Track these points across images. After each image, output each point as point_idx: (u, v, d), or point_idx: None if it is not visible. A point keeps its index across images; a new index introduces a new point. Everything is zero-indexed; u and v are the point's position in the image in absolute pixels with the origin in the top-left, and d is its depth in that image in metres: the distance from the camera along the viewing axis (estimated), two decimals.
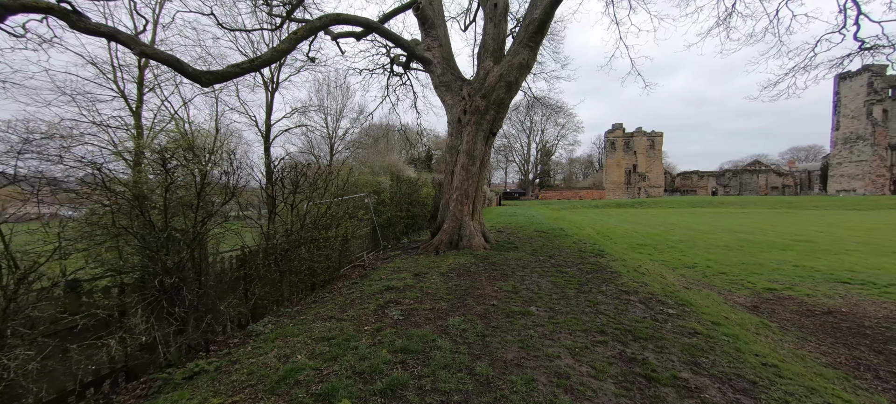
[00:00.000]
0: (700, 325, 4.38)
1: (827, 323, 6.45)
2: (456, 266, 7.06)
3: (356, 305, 4.85)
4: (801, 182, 65.85)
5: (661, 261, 11.86)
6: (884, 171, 50.12)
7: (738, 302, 7.59)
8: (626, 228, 22.16)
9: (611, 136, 69.87)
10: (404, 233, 13.03)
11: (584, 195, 66.64)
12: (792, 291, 8.28)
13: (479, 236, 8.95)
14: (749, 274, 9.98)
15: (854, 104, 53.53)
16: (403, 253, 9.29)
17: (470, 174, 8.84)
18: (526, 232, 13.70)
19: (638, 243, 16.02)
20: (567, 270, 7.06)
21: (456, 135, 9.07)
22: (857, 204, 39.88)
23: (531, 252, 8.96)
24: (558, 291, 5.49)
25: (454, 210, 8.95)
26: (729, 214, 32.88)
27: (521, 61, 8.26)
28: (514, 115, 74.91)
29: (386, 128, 32.13)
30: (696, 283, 8.92)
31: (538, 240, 11.27)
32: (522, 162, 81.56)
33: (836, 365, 4.66)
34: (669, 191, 71.57)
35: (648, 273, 7.86)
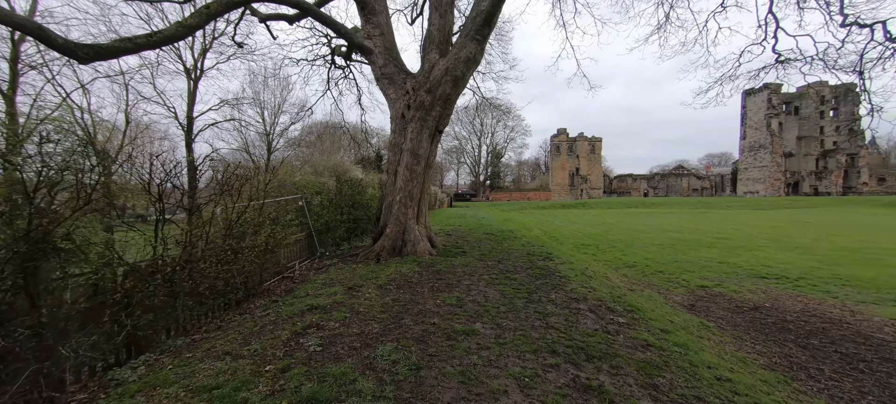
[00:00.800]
0: (650, 335, 4.12)
1: (755, 319, 6.74)
2: (397, 276, 6.35)
3: (266, 333, 3.95)
4: (716, 184, 74.17)
5: (604, 262, 12.12)
6: (780, 175, 58.02)
7: (676, 301, 7.77)
8: (571, 229, 22.92)
9: (556, 140, 73.27)
10: (346, 239, 12.01)
11: (531, 196, 69.09)
12: (721, 288, 8.71)
13: (425, 241, 8.33)
14: (682, 271, 10.47)
15: (757, 117, 61.34)
16: (341, 261, 8.37)
17: (415, 174, 8.19)
18: (475, 234, 13.35)
19: (582, 243, 16.47)
20: (516, 276, 6.67)
21: (399, 132, 8.36)
22: (760, 204, 45.58)
23: (479, 256, 8.52)
24: (506, 302, 5.02)
25: (397, 213, 8.23)
26: (659, 214, 35.73)
27: (468, 55, 7.79)
28: (465, 117, 75.68)
29: (330, 125, 30.37)
30: (639, 283, 9.08)
31: (487, 244, 10.91)
32: (473, 163, 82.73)
33: (773, 365, 4.70)
34: (608, 193, 76.77)
35: (595, 275, 7.77)
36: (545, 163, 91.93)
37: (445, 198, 47.72)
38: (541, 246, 11.11)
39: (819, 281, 9.17)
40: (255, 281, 6.49)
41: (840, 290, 8.40)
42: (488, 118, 77.52)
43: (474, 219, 20.83)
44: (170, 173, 4.55)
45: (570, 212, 40.34)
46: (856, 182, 55.65)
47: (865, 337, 5.81)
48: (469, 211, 31.85)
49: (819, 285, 8.82)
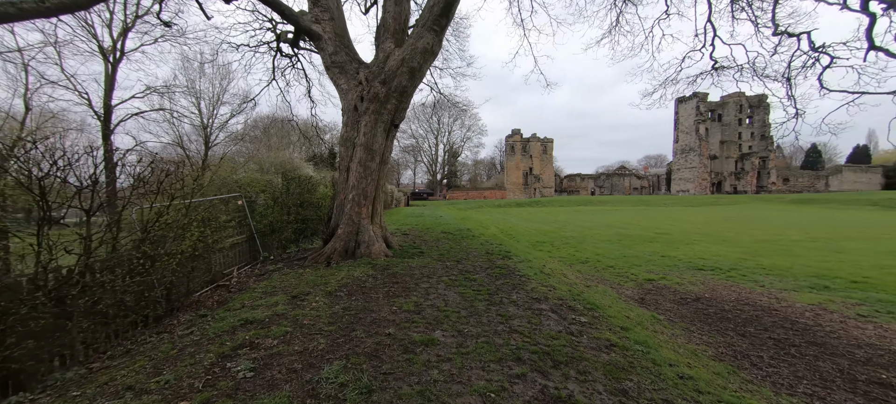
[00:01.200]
0: (612, 334, 4.05)
1: (699, 310, 7.12)
2: (349, 280, 5.83)
3: (185, 357, 3.30)
4: (653, 184, 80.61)
5: (559, 258, 12.39)
6: (706, 176, 64.36)
7: (628, 295, 8.03)
8: (526, 226, 23.45)
9: (510, 141, 75.23)
10: (294, 241, 11.10)
11: (487, 195, 70.33)
12: (666, 281, 9.18)
13: (380, 242, 7.84)
14: (631, 266, 10.96)
15: (687, 122, 67.46)
16: (287, 265, 7.62)
17: (369, 171, 7.67)
18: (433, 234, 13.03)
19: (538, 241, 16.82)
20: (476, 276, 6.44)
21: (352, 125, 7.79)
22: (690, 201, 50.11)
23: (438, 257, 8.20)
24: (467, 305, 4.74)
25: (350, 212, 7.66)
26: (605, 211, 37.93)
27: (426, 46, 7.42)
28: (422, 115, 75.19)
29: (278, 120, 28.42)
30: (593, 279, 9.32)
31: (445, 243, 10.63)
32: (431, 162, 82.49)
33: (720, 356, 4.90)
34: (559, 192, 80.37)
35: (553, 273, 7.78)
36: (500, 163, 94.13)
37: (403, 196, 46.96)
38: (499, 244, 11.06)
39: (747, 271, 10.02)
40: (181, 292, 5.62)
41: (765, 279, 9.22)
42: (446, 117, 77.71)
43: (432, 218, 20.52)
44: (58, 164, 3.68)
45: (525, 211, 41.53)
46: (766, 182, 63.43)
47: (792, 323, 6.33)
48: (426, 210, 31.50)
49: (747, 275, 9.62)
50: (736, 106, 65.64)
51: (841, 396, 4.04)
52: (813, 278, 9.12)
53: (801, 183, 66.30)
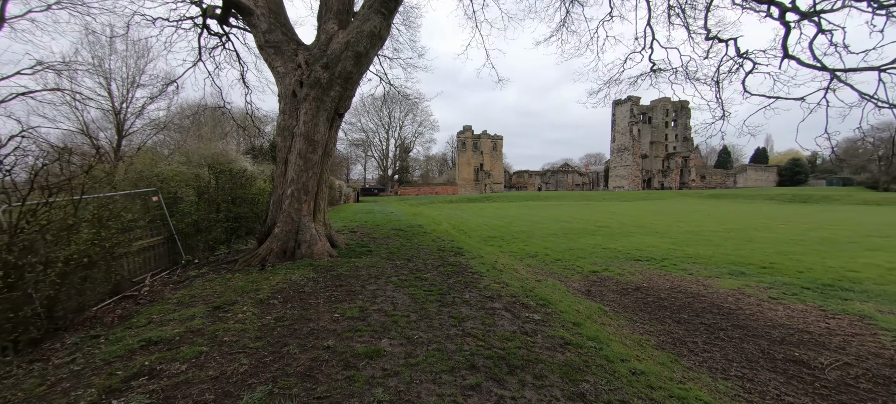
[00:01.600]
0: (565, 331, 3.97)
1: (638, 299, 7.49)
2: (285, 285, 5.21)
3: (56, 395, 2.59)
4: (593, 180, 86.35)
5: (510, 253, 12.54)
6: (638, 173, 70.24)
7: (575, 287, 8.25)
8: (477, 221, 23.67)
9: (462, 137, 75.96)
10: (225, 241, 9.96)
11: (439, 191, 70.44)
12: (608, 272, 9.62)
13: (324, 241, 7.21)
14: (576, 259, 11.39)
15: (623, 123, 72.97)
16: (214, 270, 6.72)
17: (310, 164, 6.99)
18: (383, 231, 12.50)
19: (489, 236, 16.99)
20: (427, 275, 6.13)
21: (290, 113, 7.04)
22: (625, 197, 54.34)
23: (387, 255, 7.77)
24: (418, 308, 4.42)
25: (289, 209, 6.94)
26: (551, 206, 39.76)
27: (372, 29, 6.90)
28: (372, 108, 73.13)
29: (211, 108, 25.68)
30: (542, 273, 9.48)
31: (396, 240, 10.20)
32: (381, 157, 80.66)
33: (661, 345, 5.11)
34: (508, 187, 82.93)
35: (505, 269, 7.73)
36: (452, 159, 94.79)
37: (352, 192, 45.28)
38: (451, 240, 10.86)
39: (677, 260, 10.87)
40: (70, 307, 4.61)
41: (692, 267, 10.04)
42: (397, 111, 76.31)
43: (382, 215, 19.86)
44: None
45: (476, 206, 42.15)
46: (688, 179, 70.91)
47: (718, 307, 6.88)
48: (377, 206, 30.58)
49: (677, 264, 10.41)
50: (663, 110, 72.38)
51: (766, 376, 4.35)
52: (731, 265, 10.11)
53: (715, 179, 75.05)
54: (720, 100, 7.18)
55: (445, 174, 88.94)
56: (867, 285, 8.02)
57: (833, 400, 3.91)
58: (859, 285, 8.06)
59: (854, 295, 7.44)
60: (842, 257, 10.96)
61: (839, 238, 14.81)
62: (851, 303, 6.93)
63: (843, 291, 7.66)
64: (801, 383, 4.24)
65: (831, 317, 6.29)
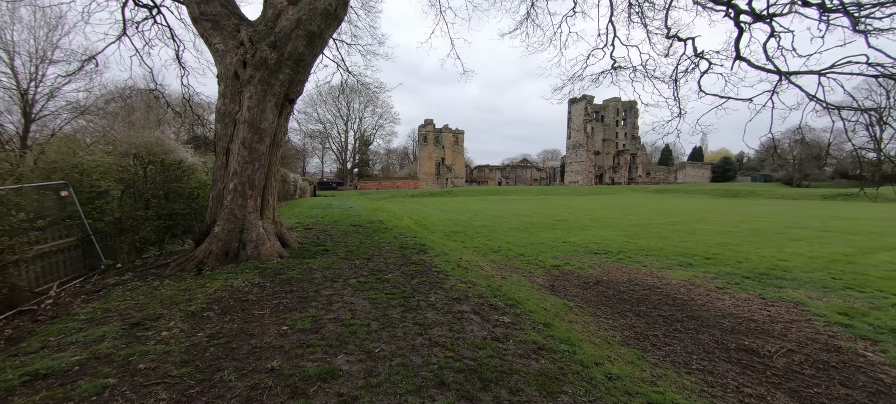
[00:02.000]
0: (537, 334, 3.78)
1: (600, 293, 7.61)
2: (225, 293, 4.55)
3: None
4: (550, 175, 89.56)
5: (473, 249, 12.40)
6: (592, 169, 73.83)
7: (539, 283, 8.24)
8: (439, 216, 23.42)
9: (423, 131, 75.28)
10: (157, 241, 8.80)
11: (401, 185, 69.41)
12: (569, 266, 9.76)
13: (273, 240, 6.52)
14: (538, 253, 11.49)
15: (578, 121, 76.14)
16: (140, 276, 5.81)
17: (256, 154, 6.25)
18: (341, 227, 11.81)
19: (451, 231, 16.79)
20: (389, 276, 5.72)
21: (231, 97, 6.23)
22: (580, 191, 56.88)
23: (345, 255, 7.22)
24: (379, 314, 4.01)
25: (232, 205, 6.17)
26: (512, 201, 40.56)
27: (328, 6, 6.25)
28: (330, 98, 70.16)
29: (140, 91, 22.98)
30: (507, 269, 9.40)
31: (355, 238, 9.62)
32: (340, 150, 77.80)
33: (626, 341, 5.13)
34: (469, 182, 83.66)
35: (470, 266, 7.50)
36: (413, 153, 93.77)
37: (308, 186, 43.16)
38: (414, 237, 10.47)
39: (632, 253, 11.32)
40: None
41: (646, 259, 10.48)
42: (356, 102, 73.86)
43: (340, 210, 18.95)
44: None
45: (438, 200, 41.94)
46: (635, 175, 75.81)
47: (673, 299, 7.14)
48: (335, 200, 29.32)
49: (632, 256, 10.84)
50: (614, 109, 76.57)
51: (723, 367, 4.48)
52: (679, 256, 10.69)
53: (658, 175, 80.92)
54: (677, 98, 7.46)
55: (407, 168, 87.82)
56: (796, 273, 8.78)
57: (784, 388, 4.08)
58: (789, 273, 8.81)
59: (786, 282, 8.09)
60: (771, 247, 12.02)
61: (766, 229, 16.35)
62: (785, 291, 7.50)
63: (777, 279, 8.31)
64: (755, 372, 4.40)
65: (771, 305, 6.75)
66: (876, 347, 5.04)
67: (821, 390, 4.04)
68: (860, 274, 8.69)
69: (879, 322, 5.81)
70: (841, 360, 4.71)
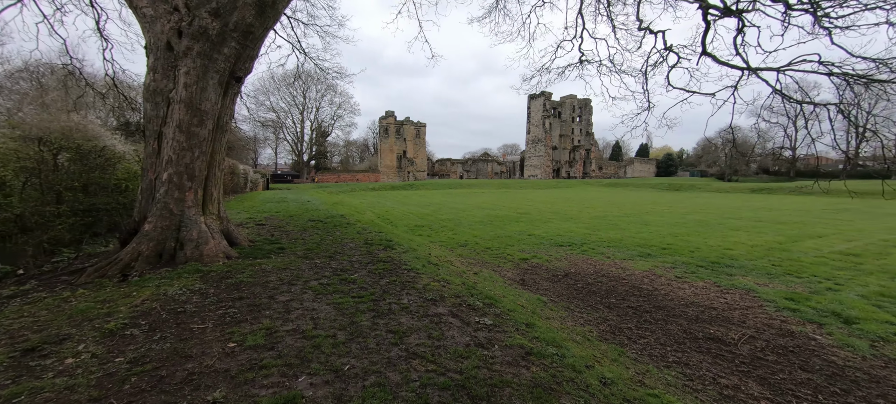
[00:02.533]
0: (522, 336, 3.51)
1: (570, 286, 7.60)
2: (156, 303, 3.81)
3: None
4: (510, 169, 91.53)
5: (440, 243, 12.07)
6: (550, 163, 76.37)
7: (510, 277, 8.09)
8: (403, 210, 22.84)
9: (384, 123, 73.52)
10: (75, 242, 7.50)
11: (361, 178, 67.45)
12: (537, 259, 9.75)
13: (218, 238, 5.71)
14: (505, 246, 11.42)
15: (537, 116, 78.23)
16: (46, 284, 4.79)
17: (196, 140, 5.40)
18: (298, 222, 10.94)
19: (416, 225, 16.34)
20: (355, 276, 5.20)
21: (163, 71, 5.30)
22: (538, 185, 58.58)
23: (304, 253, 6.56)
24: (347, 322, 3.53)
25: (166, 199, 5.29)
26: (474, 194, 40.79)
27: None
28: (284, 85, 66.19)
29: (48, 68, 20.02)
30: (477, 264, 9.16)
31: (314, 234, 8.88)
32: (295, 141, 73.80)
33: (603, 336, 5.05)
34: (431, 175, 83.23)
35: (441, 263, 7.14)
36: (374, 145, 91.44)
37: (260, 179, 40.45)
38: (378, 232, 9.91)
39: (594, 244, 11.59)
40: None
41: (608, 251, 10.76)
42: (313, 91, 70.38)
43: (297, 204, 17.77)
44: None
45: (400, 194, 41.14)
46: (589, 169, 79.58)
47: (639, 289, 7.29)
48: (291, 194, 27.62)
49: (595, 248, 11.08)
50: (570, 106, 79.65)
51: (697, 358, 4.52)
52: (638, 247, 11.11)
53: (610, 170, 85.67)
54: (646, 91, 7.59)
55: (367, 161, 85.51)
56: (742, 261, 9.39)
57: (754, 375, 4.18)
58: (736, 261, 9.41)
59: (735, 270, 8.62)
60: (716, 237, 12.90)
61: (709, 220, 17.65)
62: (736, 279, 7.96)
63: (727, 268, 8.83)
64: (725, 361, 4.48)
65: (726, 292, 7.10)
66: (822, 330, 5.40)
67: (786, 376, 4.18)
68: (794, 260, 9.50)
69: (820, 305, 6.28)
70: (796, 345, 4.96)
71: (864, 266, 8.91)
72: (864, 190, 34.86)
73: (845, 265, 8.98)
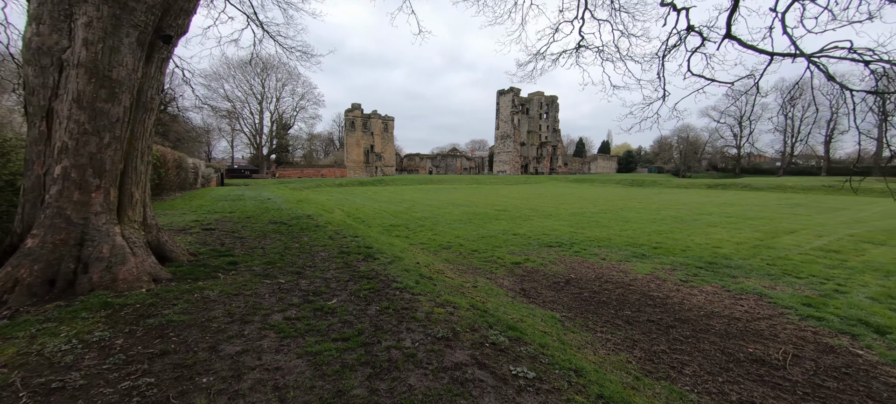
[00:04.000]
0: (582, 397, 2.52)
1: (576, 296, 6.79)
2: (17, 373, 2.43)
3: None
4: (479, 164, 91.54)
5: (422, 245, 10.95)
6: (518, 159, 77.02)
7: (508, 286, 7.15)
8: (374, 207, 21.40)
9: (350, 116, 70.59)
10: None
11: (326, 173, 64.34)
12: (530, 263, 8.90)
13: (141, 255, 4.25)
14: (492, 248, 10.50)
15: (505, 113, 78.51)
16: None
17: (104, 121, 3.91)
18: (256, 225, 9.36)
19: (391, 224, 15.08)
20: (333, 303, 3.99)
21: (52, 22, 3.76)
22: (509, 180, 58.68)
23: (264, 268, 5.20)
24: (330, 395, 2.36)
25: (62, 203, 3.79)
26: (446, 190, 39.80)
27: None
28: (240, 72, 61.45)
29: None
30: (467, 270, 8.15)
31: (276, 240, 7.45)
32: (253, 133, 69.00)
33: (644, 367, 4.22)
34: (400, 170, 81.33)
35: (434, 274, 6.04)
36: (340, 139, 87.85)
37: (214, 174, 36.99)
38: (353, 236, 8.62)
39: (583, 244, 10.96)
40: None
41: (599, 251, 10.14)
42: (272, 80, 66.01)
43: (255, 202, 15.87)
44: None
45: (369, 190, 39.32)
46: (556, 165, 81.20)
47: (649, 298, 6.60)
48: (249, 190, 25.20)
49: (586, 248, 10.44)
50: (538, 103, 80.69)
51: (757, 390, 3.79)
52: (628, 247, 10.60)
53: (575, 166, 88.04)
54: (662, 78, 6.87)
55: (332, 155, 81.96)
56: (736, 261, 9.08)
57: None
58: (731, 260, 9.09)
59: (735, 271, 8.24)
60: (700, 234, 12.78)
61: (684, 216, 17.80)
62: (740, 281, 7.54)
63: (725, 268, 8.44)
64: (787, 393, 3.79)
65: (739, 298, 6.59)
66: (858, 343, 4.92)
67: None
68: (784, 259, 9.34)
69: (840, 312, 5.88)
70: (844, 364, 4.41)
71: (850, 263, 8.90)
72: (805, 185, 37.62)
73: (833, 263, 8.92)
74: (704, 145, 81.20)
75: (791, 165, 77.98)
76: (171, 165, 17.25)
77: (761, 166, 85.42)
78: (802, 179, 52.41)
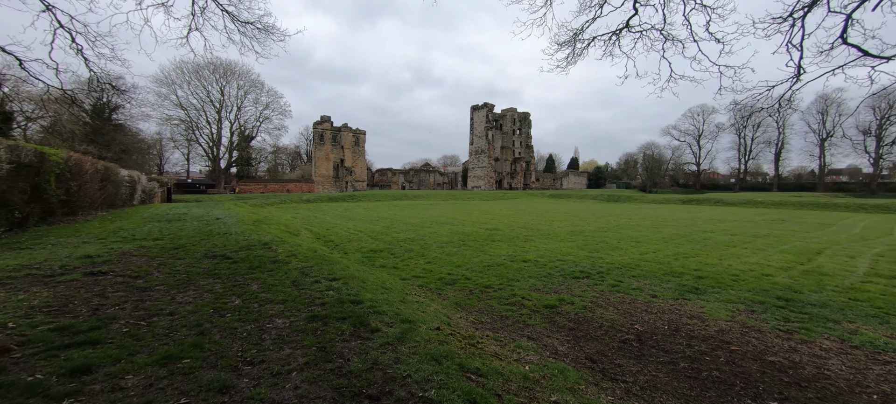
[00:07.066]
0: None
1: (669, 368, 4.59)
2: None
3: None
4: (452, 180, 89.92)
5: (417, 280, 8.49)
6: (493, 174, 76.15)
7: (563, 353, 4.88)
8: (348, 227, 18.55)
9: (319, 128, 66.86)
10: None
11: (292, 188, 59.93)
12: (567, 306, 6.70)
13: None
14: (508, 282, 8.23)
15: (480, 128, 77.79)
16: None
17: None
18: (184, 262, 6.53)
19: (371, 249, 12.45)
20: None
21: None
22: (485, 196, 57.14)
23: (143, 382, 2.60)
24: None
25: None
26: (424, 206, 37.31)
27: None
28: (195, 78, 56.45)
29: None
30: (496, 325, 5.78)
31: (204, 293, 4.75)
32: (210, 145, 63.38)
33: None
34: (371, 186, 77.94)
35: (473, 353, 3.66)
36: (307, 153, 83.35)
37: (158, 187, 32.41)
38: (329, 278, 6.04)
39: (613, 273, 8.94)
40: None
41: (640, 284, 8.13)
42: (233, 87, 61.35)
43: (199, 223, 12.70)
44: None
45: (341, 206, 36.11)
46: (530, 181, 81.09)
47: (774, 367, 4.54)
48: (197, 208, 21.50)
49: (622, 280, 8.42)
50: (511, 119, 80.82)
51: None
52: (668, 277, 8.71)
53: (546, 182, 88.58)
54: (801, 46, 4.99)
55: (299, 169, 77.24)
56: (807, 294, 7.38)
57: None
58: (801, 294, 7.39)
59: (822, 309, 6.48)
60: (724, 256, 11.18)
61: (686, 233, 16.43)
62: (837, 327, 5.74)
63: (811, 308, 6.65)
64: None
65: (886, 361, 4.74)
66: None
67: None
68: (856, 289, 7.79)
69: None
70: None
71: None
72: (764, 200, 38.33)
73: None
74: (668, 162, 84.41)
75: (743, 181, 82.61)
76: (89, 177, 13.70)
77: (718, 182, 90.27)
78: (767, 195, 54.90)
